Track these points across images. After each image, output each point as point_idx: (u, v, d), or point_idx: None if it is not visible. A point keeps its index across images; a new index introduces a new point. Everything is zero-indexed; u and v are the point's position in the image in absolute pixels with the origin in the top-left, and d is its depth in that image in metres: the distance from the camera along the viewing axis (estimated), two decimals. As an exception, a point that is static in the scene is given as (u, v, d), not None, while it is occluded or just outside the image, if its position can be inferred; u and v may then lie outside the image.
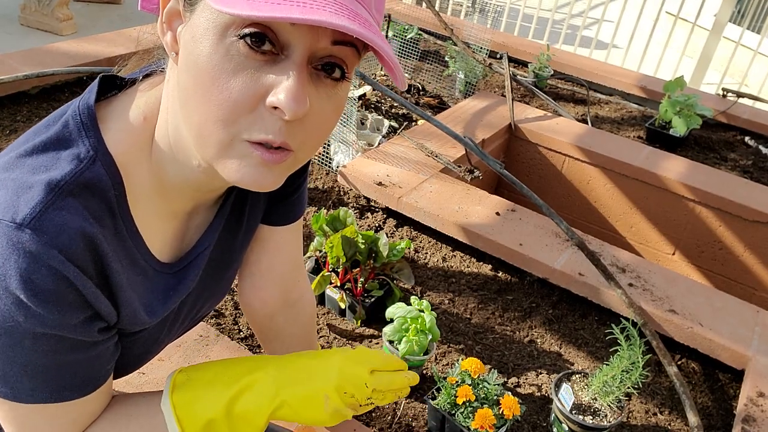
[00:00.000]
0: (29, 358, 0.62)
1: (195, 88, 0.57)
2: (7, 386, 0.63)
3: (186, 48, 0.58)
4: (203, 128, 0.58)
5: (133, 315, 0.71)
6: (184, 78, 0.59)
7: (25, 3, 4.20)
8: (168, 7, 0.61)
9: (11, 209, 0.58)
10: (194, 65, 0.56)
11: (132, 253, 0.69)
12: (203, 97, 0.56)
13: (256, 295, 1.03)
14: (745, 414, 1.49)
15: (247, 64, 0.55)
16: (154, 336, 0.80)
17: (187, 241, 0.79)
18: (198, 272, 0.80)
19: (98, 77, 0.69)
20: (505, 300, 1.89)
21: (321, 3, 0.51)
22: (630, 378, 1.33)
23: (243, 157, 0.59)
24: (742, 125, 3.29)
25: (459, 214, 2.03)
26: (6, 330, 0.59)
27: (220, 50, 0.55)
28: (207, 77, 0.55)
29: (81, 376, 0.67)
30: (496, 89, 3.37)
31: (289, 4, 0.50)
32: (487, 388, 1.34)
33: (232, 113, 0.56)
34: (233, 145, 0.59)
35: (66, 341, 0.63)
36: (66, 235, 0.59)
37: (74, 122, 0.64)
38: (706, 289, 1.87)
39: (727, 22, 4.64)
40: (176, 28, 0.61)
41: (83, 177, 0.62)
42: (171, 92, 0.64)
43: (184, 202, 0.73)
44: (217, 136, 0.58)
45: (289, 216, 0.95)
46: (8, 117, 2.39)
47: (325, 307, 1.74)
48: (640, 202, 2.66)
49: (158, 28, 0.62)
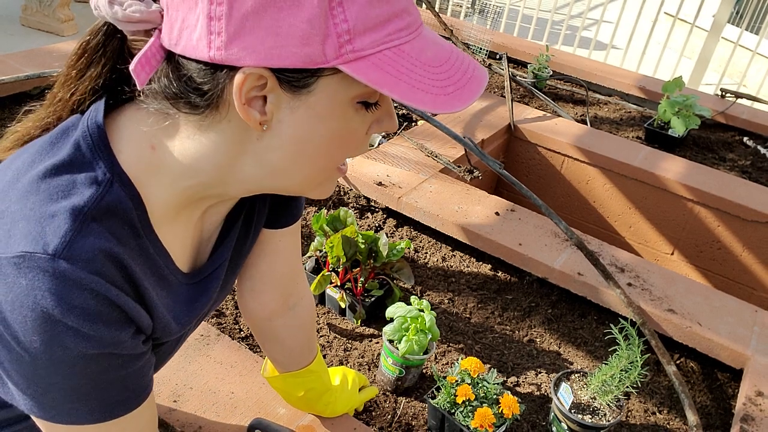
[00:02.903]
0: (81, 382, 0.62)
1: (318, 153, 0.64)
2: (61, 412, 0.63)
3: (303, 124, 0.62)
4: (311, 180, 0.68)
5: (165, 327, 0.72)
6: (284, 145, 0.63)
7: (26, 4, 4.21)
8: (245, 91, 0.58)
9: (40, 241, 0.57)
10: (317, 138, 0.63)
11: (159, 269, 0.69)
12: (325, 161, 0.66)
13: (255, 298, 1.03)
14: (744, 413, 1.49)
15: (366, 121, 0.65)
16: (171, 347, 0.82)
17: (202, 250, 0.79)
18: (219, 282, 0.81)
19: (104, 100, 0.67)
20: (504, 299, 1.90)
21: (464, 67, 0.64)
22: (629, 377, 1.33)
23: (332, 180, 0.70)
24: (741, 125, 3.30)
25: (459, 214, 2.04)
26: (55, 358, 0.59)
27: (355, 120, 0.64)
28: (344, 144, 0.65)
29: (129, 389, 0.67)
30: (495, 90, 3.37)
31: (453, 87, 0.61)
32: (487, 388, 1.35)
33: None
34: (330, 176, 0.69)
35: (117, 358, 0.63)
36: (98, 259, 0.59)
37: (86, 144, 0.64)
38: (704, 289, 1.88)
39: (726, 23, 4.65)
40: (257, 105, 0.60)
41: (104, 201, 0.62)
42: (224, 151, 0.64)
43: (199, 211, 0.74)
44: (321, 178, 0.69)
45: (288, 219, 0.96)
46: (9, 117, 2.39)
47: (325, 307, 1.75)
48: (638, 202, 2.66)
49: (237, 107, 0.59)
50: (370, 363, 1.58)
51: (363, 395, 1.36)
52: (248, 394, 1.31)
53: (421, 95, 0.58)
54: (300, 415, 1.27)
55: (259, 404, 1.29)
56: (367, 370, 1.56)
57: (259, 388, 1.33)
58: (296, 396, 1.19)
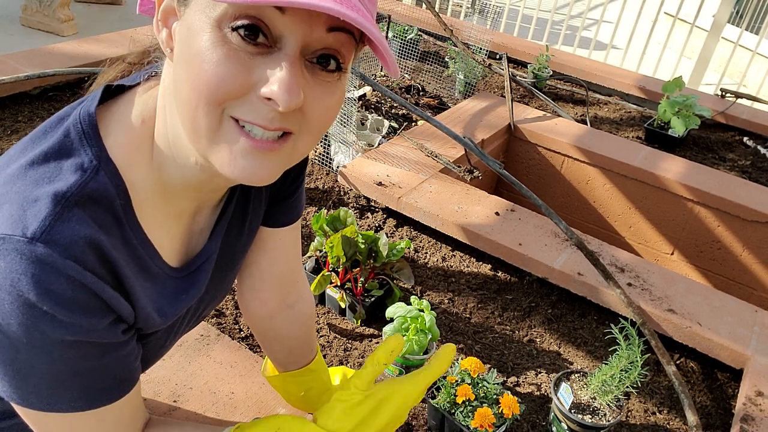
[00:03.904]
0: (60, 368, 0.62)
1: (188, 78, 0.57)
2: (41, 399, 0.63)
3: (181, 42, 0.58)
4: (194, 116, 0.58)
5: (146, 318, 0.71)
6: (178, 71, 0.59)
7: (26, 4, 4.21)
8: (163, 5, 0.61)
9: (20, 224, 0.57)
10: (188, 57, 0.57)
11: (142, 260, 0.69)
12: (194, 84, 0.56)
13: (255, 296, 1.03)
14: (744, 413, 1.49)
15: (240, 53, 0.55)
16: (161, 341, 0.81)
17: (193, 244, 0.79)
18: (207, 276, 0.81)
19: (102, 88, 0.69)
20: (504, 299, 1.90)
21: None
22: (629, 377, 1.33)
23: (232, 143, 0.58)
24: (741, 125, 3.30)
25: (459, 214, 2.04)
26: (34, 343, 0.59)
27: (215, 42, 0.55)
28: (199, 66, 0.56)
29: (111, 379, 0.67)
30: (495, 90, 3.37)
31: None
32: (487, 387, 1.35)
33: (221, 95, 0.56)
34: (221, 127, 0.58)
35: (95, 346, 0.63)
36: (78, 245, 0.59)
37: (75, 131, 0.64)
38: (704, 289, 1.88)
39: (726, 23, 4.65)
40: (171, 25, 0.61)
41: (88, 188, 0.62)
42: (167, 89, 0.65)
43: (187, 203, 0.73)
44: (206, 121, 0.58)
45: (287, 218, 0.96)
46: (10, 117, 2.39)
47: (325, 307, 1.75)
48: (638, 202, 2.66)
49: (154, 27, 0.63)
50: (370, 363, 1.58)
51: None
52: (248, 394, 1.31)
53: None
54: (300, 415, 1.27)
55: (259, 404, 1.29)
56: (367, 370, 1.56)
57: (259, 388, 1.33)
58: (296, 396, 1.19)
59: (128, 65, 0.76)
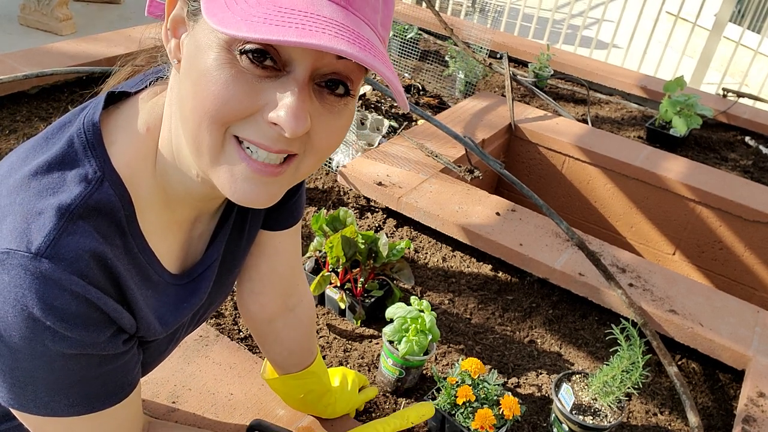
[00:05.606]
0: (60, 377, 0.62)
1: (193, 95, 0.56)
2: (40, 405, 0.63)
3: (188, 57, 0.58)
4: (197, 133, 0.57)
5: (148, 327, 0.71)
6: (184, 85, 0.58)
7: (24, 3, 4.20)
8: (173, 14, 0.60)
9: (24, 238, 0.57)
10: (195, 75, 0.56)
11: (144, 269, 0.69)
12: (200, 102, 0.56)
13: (255, 299, 1.03)
14: (746, 414, 1.49)
15: (248, 75, 0.55)
16: (162, 347, 0.81)
17: (192, 251, 0.79)
18: (210, 284, 0.80)
19: (105, 94, 0.68)
20: (505, 300, 1.89)
21: (320, 25, 0.50)
22: (630, 378, 1.33)
23: (233, 165, 0.58)
24: (743, 125, 3.29)
25: (459, 214, 2.03)
26: (35, 354, 0.59)
27: (223, 62, 0.54)
28: (205, 85, 0.55)
29: (112, 385, 0.67)
30: (496, 89, 3.37)
31: (288, 26, 0.49)
32: (487, 389, 1.34)
33: (225, 116, 0.55)
34: (224, 148, 0.58)
35: (96, 357, 0.63)
36: (82, 259, 0.59)
37: (79, 140, 0.63)
38: (706, 289, 1.87)
39: (728, 22, 4.64)
40: (180, 35, 0.60)
41: (92, 199, 0.61)
42: (173, 100, 0.64)
43: (188, 211, 0.73)
44: (209, 139, 0.57)
45: (287, 221, 0.95)
46: (8, 117, 2.39)
47: (324, 307, 1.74)
48: (640, 202, 2.65)
49: (162, 35, 0.62)
50: (370, 364, 1.57)
51: (363, 396, 1.35)
52: (247, 395, 1.30)
53: (236, 20, 0.50)
54: (299, 416, 1.27)
55: (258, 405, 1.28)
56: (367, 371, 1.55)
57: (258, 389, 1.32)
58: (296, 398, 1.19)
59: (135, 68, 0.75)
